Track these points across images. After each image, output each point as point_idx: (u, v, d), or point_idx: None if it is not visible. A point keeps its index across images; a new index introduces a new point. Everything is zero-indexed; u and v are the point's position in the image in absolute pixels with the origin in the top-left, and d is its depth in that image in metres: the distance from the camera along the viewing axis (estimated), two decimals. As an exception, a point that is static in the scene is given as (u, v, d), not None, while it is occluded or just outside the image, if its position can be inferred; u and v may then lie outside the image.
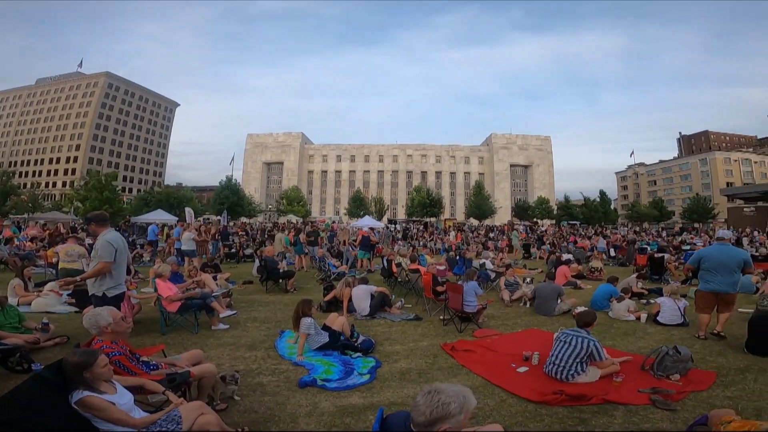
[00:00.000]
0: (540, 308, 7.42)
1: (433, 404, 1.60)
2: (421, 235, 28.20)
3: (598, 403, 3.57)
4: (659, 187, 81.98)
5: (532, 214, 55.69)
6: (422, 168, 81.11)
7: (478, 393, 3.85)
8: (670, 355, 4.26)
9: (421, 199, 49.88)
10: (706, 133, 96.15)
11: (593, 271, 11.79)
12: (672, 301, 6.57)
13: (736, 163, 71.91)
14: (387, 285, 10.01)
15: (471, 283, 6.52)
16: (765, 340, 4.97)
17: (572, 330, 4.27)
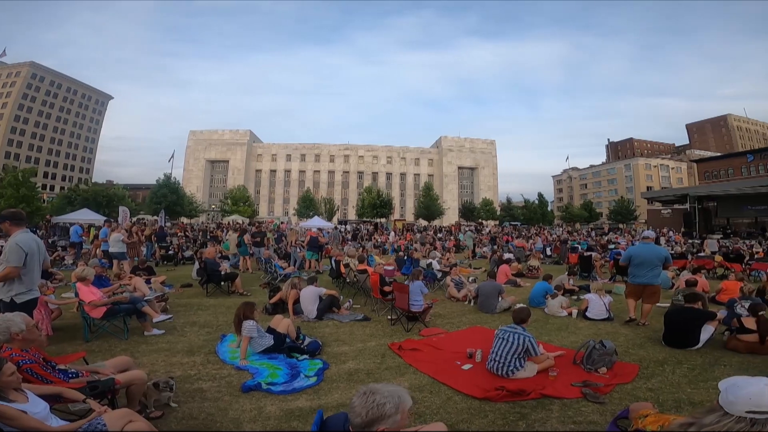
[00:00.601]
0: (483, 306, 7.70)
1: (368, 405, 1.59)
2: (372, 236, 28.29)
3: (536, 398, 3.73)
4: (590, 190, 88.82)
5: (478, 215, 57.92)
6: (373, 169, 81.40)
7: (425, 391, 3.94)
8: (596, 349, 4.49)
9: (371, 199, 50.06)
10: (630, 141, 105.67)
11: (531, 270, 12.47)
12: (598, 297, 7.07)
13: (655, 168, 79.67)
14: (335, 286, 9.96)
15: (417, 282, 6.63)
16: (679, 333, 5.35)
17: (509, 327, 4.44)
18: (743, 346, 5.15)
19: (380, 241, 24.57)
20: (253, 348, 4.76)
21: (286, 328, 5.08)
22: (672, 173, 79.35)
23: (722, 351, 5.22)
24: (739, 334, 5.25)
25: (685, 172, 78.09)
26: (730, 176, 45.87)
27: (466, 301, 8.50)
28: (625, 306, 7.93)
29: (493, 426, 3.26)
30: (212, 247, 11.85)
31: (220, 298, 8.51)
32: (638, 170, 78.30)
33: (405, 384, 4.08)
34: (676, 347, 5.27)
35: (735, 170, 46.25)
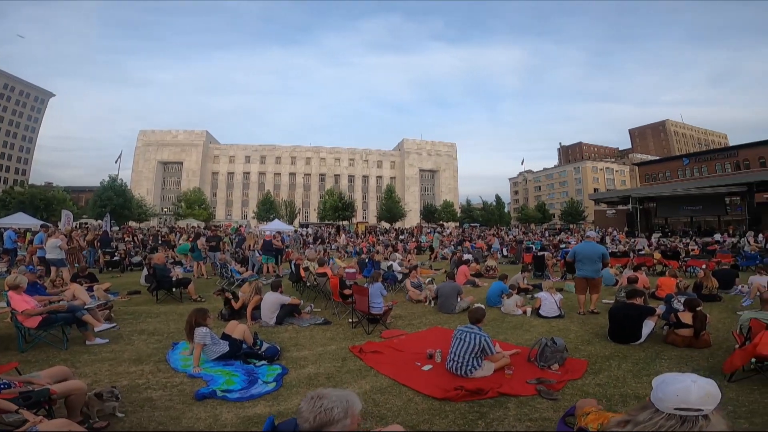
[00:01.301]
0: (442, 307, 7.81)
1: (315, 410, 1.57)
2: (334, 239, 28.04)
3: (493, 396, 3.79)
4: (543, 192, 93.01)
5: (439, 216, 59.00)
6: (335, 171, 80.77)
7: (387, 393, 3.93)
8: (548, 346, 4.62)
9: (333, 202, 49.65)
10: (580, 145, 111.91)
11: (489, 270, 12.83)
12: (550, 295, 7.35)
13: (601, 171, 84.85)
14: (296, 290, 9.82)
15: (376, 284, 6.63)
16: (622, 328, 5.57)
17: (466, 327, 4.52)
18: (680, 340, 5.38)
19: (343, 244, 24.37)
20: (207, 355, 4.60)
21: (242, 334, 4.94)
22: (616, 176, 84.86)
23: (662, 345, 5.47)
24: (676, 328, 5.47)
25: (628, 174, 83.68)
26: (668, 178, 49.74)
27: (426, 302, 8.59)
28: (575, 303, 8.35)
29: (454, 426, 3.29)
30: (163, 251, 11.24)
31: (172, 305, 8.13)
32: (586, 173, 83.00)
33: (366, 386, 4.08)
34: (620, 342, 5.50)
35: (672, 173, 50.20)
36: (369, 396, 3.86)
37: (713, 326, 5.93)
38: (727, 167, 44.40)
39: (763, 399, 3.72)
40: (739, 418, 3.34)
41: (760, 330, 4.10)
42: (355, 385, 4.14)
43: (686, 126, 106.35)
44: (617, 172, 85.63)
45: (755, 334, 4.13)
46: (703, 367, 4.64)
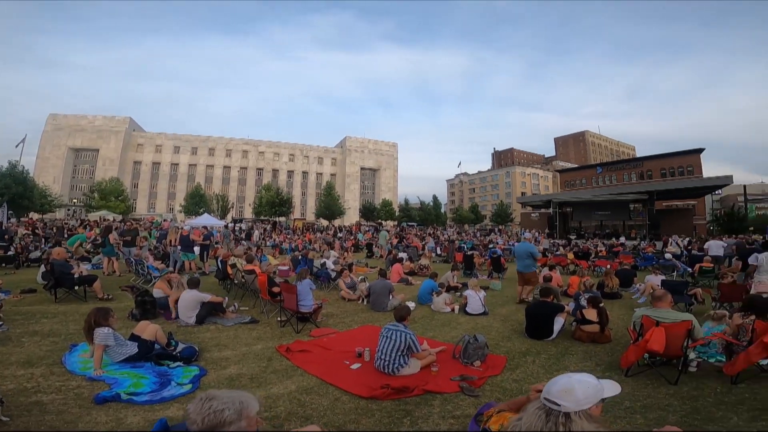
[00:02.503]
0: (374, 304, 7.85)
1: (204, 412, 1.51)
2: (269, 235, 27.07)
3: (419, 394, 3.82)
4: (477, 194, 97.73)
5: (378, 215, 59.55)
6: (274, 166, 77.98)
7: (313, 393, 3.86)
8: (471, 343, 4.73)
9: (270, 197, 47.90)
10: (511, 150, 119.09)
11: (422, 269, 13.15)
12: (475, 293, 7.66)
13: (529, 176, 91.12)
14: (222, 288, 9.36)
15: (305, 282, 6.48)
16: (537, 325, 5.85)
17: (392, 325, 4.54)
18: (586, 336, 5.70)
19: (278, 241, 23.61)
20: (111, 357, 4.25)
21: (154, 334, 4.61)
22: (541, 181, 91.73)
23: (571, 341, 5.76)
24: (581, 324, 5.79)
25: (551, 180, 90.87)
26: (584, 185, 54.79)
27: (359, 300, 8.58)
28: (498, 300, 8.85)
29: (380, 425, 3.28)
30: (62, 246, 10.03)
31: (74, 304, 7.32)
32: (515, 177, 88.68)
33: (292, 387, 3.99)
34: (536, 339, 5.78)
35: (588, 180, 55.41)
36: (294, 396, 3.77)
37: (614, 322, 6.36)
38: (633, 176, 49.95)
39: (656, 394, 3.93)
40: (635, 413, 3.48)
41: (651, 326, 4.30)
42: (281, 386, 4.03)
43: (602, 137, 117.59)
44: (542, 177, 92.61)
45: (646, 331, 4.32)
46: (605, 362, 4.91)
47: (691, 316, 4.34)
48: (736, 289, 7.27)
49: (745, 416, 3.40)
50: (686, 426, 3.20)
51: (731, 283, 7.58)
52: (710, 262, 11.14)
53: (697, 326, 4.26)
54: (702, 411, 3.52)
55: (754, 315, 4.53)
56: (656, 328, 4.20)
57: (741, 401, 3.72)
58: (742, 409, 3.56)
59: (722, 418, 3.37)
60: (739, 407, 3.59)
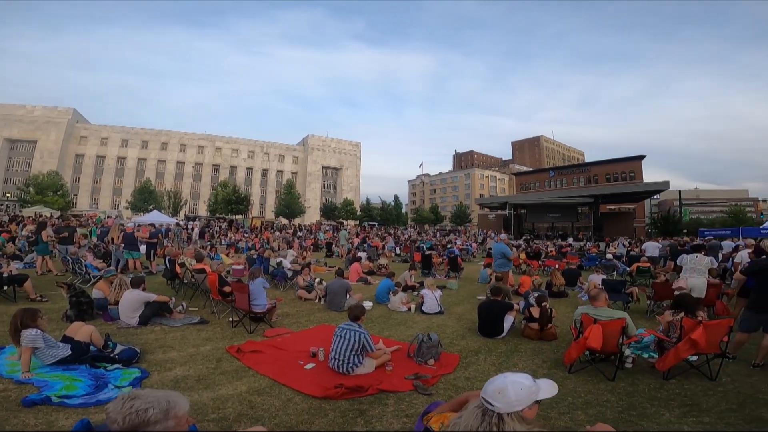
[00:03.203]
0: (331, 304, 7.80)
1: (125, 411, 1.47)
2: (224, 234, 26.12)
3: (373, 393, 3.81)
4: (437, 195, 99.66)
5: (339, 214, 59.15)
6: (232, 162, 75.27)
7: (265, 394, 3.78)
8: (425, 342, 4.79)
9: (226, 194, 46.18)
10: (471, 153, 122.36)
11: (381, 268, 13.22)
12: (431, 292, 7.76)
13: (487, 178, 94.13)
14: (171, 288, 8.96)
15: (257, 281, 6.32)
16: (488, 323, 5.99)
17: (346, 324, 4.52)
18: (533, 334, 5.87)
19: (234, 239, 22.82)
20: (41, 360, 4.02)
21: (88, 336, 4.37)
22: (498, 183, 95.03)
23: (520, 338, 5.90)
24: (529, 322, 5.97)
25: (508, 183, 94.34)
26: (537, 188, 57.37)
27: (316, 299, 8.48)
28: (454, 300, 9.04)
29: (333, 425, 3.25)
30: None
31: (2, 305, 6.79)
32: (474, 179, 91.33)
33: (242, 388, 3.90)
34: (488, 337, 5.93)
35: (541, 184, 58.06)
36: (245, 397, 3.69)
37: (560, 320, 6.52)
38: (581, 181, 52.96)
39: (596, 390, 4.05)
40: (577, 410, 3.58)
41: (589, 324, 4.43)
42: (230, 387, 3.92)
43: (555, 142, 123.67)
44: (500, 180, 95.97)
45: (586, 328, 4.46)
46: (551, 359, 5.04)
47: (625, 314, 4.57)
48: (667, 287, 7.71)
49: (676, 412, 3.56)
50: (622, 422, 3.33)
51: (664, 282, 8.14)
52: (647, 262, 11.99)
53: (630, 324, 4.44)
54: (637, 407, 3.67)
55: (683, 312, 4.74)
56: (594, 326, 4.36)
57: (672, 397, 3.91)
58: (673, 405, 3.72)
59: (655, 414, 3.51)
60: (671, 403, 3.77)
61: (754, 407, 3.66)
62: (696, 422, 3.37)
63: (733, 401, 3.80)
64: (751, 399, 3.85)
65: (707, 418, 3.45)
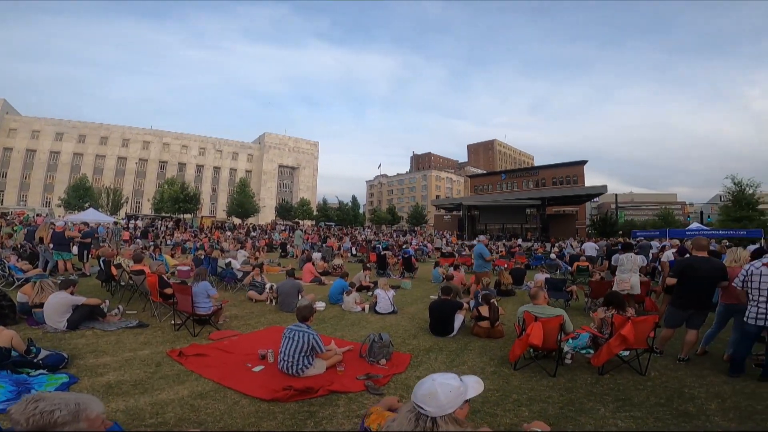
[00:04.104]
0: (283, 305, 7.64)
1: (28, 413, 1.42)
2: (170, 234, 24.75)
3: (324, 394, 3.76)
4: (395, 195, 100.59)
5: (295, 214, 58.01)
6: (181, 159, 71.41)
7: (209, 398, 3.64)
8: (376, 342, 4.77)
9: (173, 192, 43.70)
10: (429, 155, 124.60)
11: (336, 268, 13.11)
12: (384, 292, 7.80)
13: (443, 180, 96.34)
14: (106, 290, 8.40)
15: (202, 283, 6.04)
16: (439, 322, 6.07)
17: (295, 325, 4.42)
18: (482, 332, 5.98)
19: (180, 239, 21.70)
20: None
21: (9, 341, 4.12)
22: (454, 185, 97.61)
23: (470, 337, 5.99)
24: (479, 321, 6.07)
25: (463, 185, 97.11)
26: (490, 190, 59.53)
27: (267, 301, 8.27)
28: (408, 299, 9.14)
29: (282, 427, 3.18)
30: None
31: None
32: (431, 181, 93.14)
33: (184, 392, 3.74)
34: (439, 335, 5.99)
35: (493, 186, 60.30)
36: (186, 402, 3.54)
37: (508, 318, 6.70)
38: (530, 184, 55.63)
39: (538, 386, 4.14)
40: (521, 406, 3.65)
41: (531, 322, 4.56)
42: (170, 391, 3.75)
43: (508, 146, 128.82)
44: (455, 182, 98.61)
45: (528, 326, 4.58)
46: (498, 356, 5.13)
47: (563, 311, 4.75)
48: (602, 285, 8.19)
49: (611, 407, 3.68)
50: (563, 418, 3.44)
51: (599, 281, 8.73)
52: (585, 262, 12.80)
53: (567, 321, 4.62)
54: (576, 402, 3.76)
55: (614, 309, 4.90)
56: (535, 324, 4.50)
57: (607, 392, 4.04)
58: (608, 399, 3.85)
59: (592, 410, 3.60)
60: (606, 398, 3.89)
61: (680, 402, 3.81)
62: (628, 417, 3.47)
63: (662, 395, 3.96)
64: (677, 393, 4.01)
65: (639, 412, 3.56)
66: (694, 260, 4.95)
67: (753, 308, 4.28)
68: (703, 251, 4.98)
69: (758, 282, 4.21)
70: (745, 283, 4.34)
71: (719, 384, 4.23)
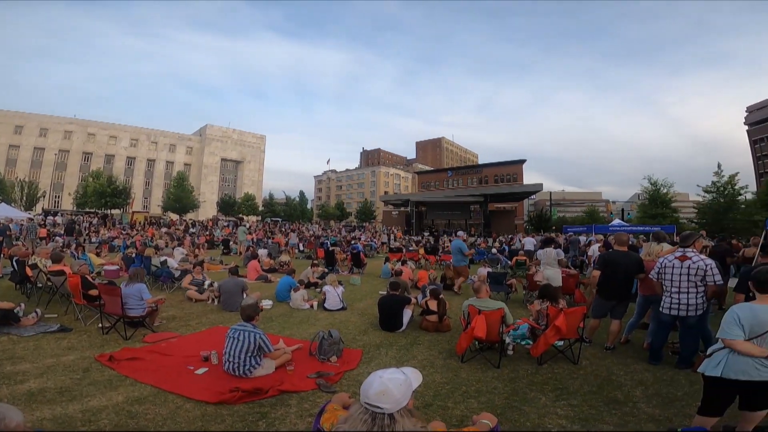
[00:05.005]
0: (226, 304, 7.34)
1: None
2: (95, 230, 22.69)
3: (275, 395, 3.68)
4: (344, 191, 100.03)
5: (239, 210, 55.67)
6: (109, 151, 65.42)
7: (148, 403, 3.46)
8: (326, 339, 4.76)
9: (98, 186, 40.04)
10: (378, 151, 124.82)
11: (282, 265, 12.79)
12: (333, 288, 7.73)
13: (392, 176, 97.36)
14: (21, 293, 7.70)
15: (137, 285, 5.63)
16: (388, 317, 6.11)
17: (239, 325, 4.27)
18: (430, 326, 6.10)
19: (108, 237, 20.00)
20: None
21: None
22: (402, 181, 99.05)
23: (419, 331, 6.09)
24: (426, 315, 6.20)
25: (411, 181, 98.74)
26: (437, 187, 61.15)
27: (209, 300, 7.90)
28: (357, 295, 9.16)
29: (232, 429, 3.10)
30: None
31: None
32: (380, 177, 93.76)
33: (119, 398, 3.53)
34: (388, 331, 6.04)
35: (440, 183, 61.99)
36: (122, 408, 3.35)
37: (453, 312, 6.81)
38: (474, 181, 57.92)
39: (485, 377, 4.28)
40: (470, 398, 3.75)
41: (475, 315, 4.71)
42: (103, 398, 3.52)
43: (454, 144, 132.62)
44: (403, 178, 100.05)
45: (473, 319, 4.71)
46: (446, 349, 5.23)
47: (503, 304, 4.96)
48: None
49: (550, 396, 3.84)
50: (509, 408, 3.57)
51: (535, 274, 9.27)
52: (524, 256, 13.57)
53: (507, 313, 4.84)
54: (519, 392, 3.91)
55: (548, 302, 5.17)
56: (479, 316, 4.66)
57: (546, 381, 4.22)
58: (547, 389, 4.01)
59: (534, 399, 3.76)
60: (545, 387, 4.06)
61: (610, 389, 4.02)
62: (566, 405, 3.64)
63: (593, 384, 4.17)
64: (606, 381, 4.23)
65: (575, 400, 3.74)
66: (616, 254, 5.35)
67: (667, 299, 4.56)
68: (623, 246, 5.42)
69: (671, 274, 4.52)
70: (660, 275, 4.67)
71: (641, 371, 4.52)
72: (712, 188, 30.07)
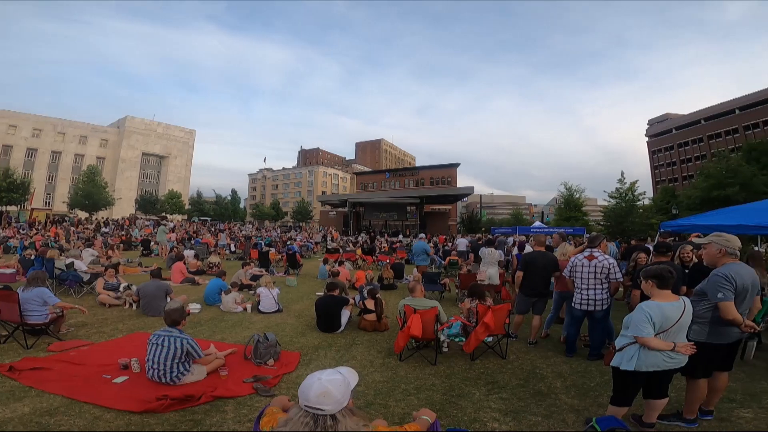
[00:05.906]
0: (148, 309, 6.82)
1: None
2: None
3: (208, 401, 3.55)
4: (279, 190, 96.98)
5: (161, 208, 51.43)
6: (6, 141, 57.11)
7: (60, 414, 3.18)
8: (261, 342, 4.63)
9: (-10, 180, 34.68)
10: (317, 150, 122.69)
11: (212, 267, 12.11)
12: (267, 290, 7.49)
13: (330, 176, 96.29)
14: None
15: (37, 289, 5.02)
16: (326, 318, 6.11)
17: (164, 330, 4.01)
18: (369, 325, 6.16)
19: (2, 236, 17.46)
20: None
21: None
22: (340, 181, 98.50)
23: (358, 331, 6.12)
24: (365, 314, 6.26)
25: (350, 181, 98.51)
26: (375, 188, 61.66)
27: (125, 305, 7.28)
28: (294, 297, 8.94)
29: None
30: None
31: None
32: (318, 177, 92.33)
33: (25, 410, 3.24)
34: (326, 332, 6.02)
35: (378, 184, 62.59)
36: (31, 419, 3.12)
37: (391, 311, 6.95)
38: (411, 183, 59.31)
39: (423, 375, 4.39)
40: (410, 395, 3.83)
41: (411, 314, 4.82)
42: (6, 409, 3.26)
43: (393, 146, 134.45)
44: (342, 178, 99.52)
45: (408, 318, 4.81)
46: (385, 348, 5.30)
47: (437, 303, 5.10)
48: (469, 278, 8.92)
49: (483, 390, 3.99)
50: (447, 403, 3.68)
51: (466, 273, 9.73)
52: (455, 256, 14.16)
53: (441, 311, 5.00)
54: (455, 388, 4.05)
55: (477, 300, 5.37)
56: (414, 315, 4.78)
57: (478, 376, 4.40)
58: (480, 383, 4.18)
59: (469, 394, 3.89)
60: (478, 381, 4.23)
61: (535, 382, 4.24)
62: (498, 399, 3.80)
63: (521, 377, 4.39)
64: (531, 374, 4.47)
65: (505, 394, 3.92)
66: (535, 254, 5.85)
67: (577, 295, 4.94)
68: (540, 246, 5.98)
69: (581, 272, 4.97)
70: (572, 273, 5.12)
71: (560, 364, 4.82)
72: (615, 194, 33.58)
